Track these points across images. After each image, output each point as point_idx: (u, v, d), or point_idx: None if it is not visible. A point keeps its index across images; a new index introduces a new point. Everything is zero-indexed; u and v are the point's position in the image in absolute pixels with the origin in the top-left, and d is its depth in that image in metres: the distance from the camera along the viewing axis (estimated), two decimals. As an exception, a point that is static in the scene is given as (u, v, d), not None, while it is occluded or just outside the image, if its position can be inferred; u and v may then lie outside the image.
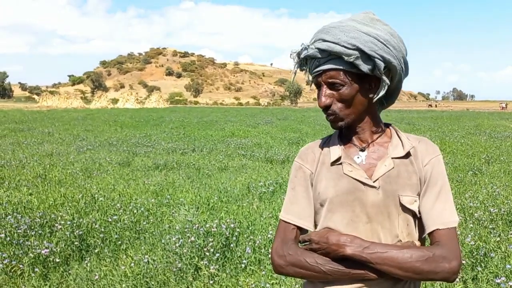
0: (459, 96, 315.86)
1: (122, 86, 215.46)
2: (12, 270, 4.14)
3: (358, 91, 1.34)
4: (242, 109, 61.36)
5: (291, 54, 1.45)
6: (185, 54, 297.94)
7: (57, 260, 4.37)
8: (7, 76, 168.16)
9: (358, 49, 1.29)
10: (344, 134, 1.45)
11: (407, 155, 1.36)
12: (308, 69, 1.42)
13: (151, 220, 5.67)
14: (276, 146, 14.20)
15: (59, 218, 5.33)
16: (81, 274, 4.18)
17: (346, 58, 1.29)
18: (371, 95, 1.38)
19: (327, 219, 1.37)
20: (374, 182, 1.33)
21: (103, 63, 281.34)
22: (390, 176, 1.34)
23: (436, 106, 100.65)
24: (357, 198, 1.34)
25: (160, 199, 6.81)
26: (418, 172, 1.35)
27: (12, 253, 4.38)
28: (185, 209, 6.09)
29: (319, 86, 1.37)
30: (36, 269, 4.15)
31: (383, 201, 1.32)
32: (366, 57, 1.31)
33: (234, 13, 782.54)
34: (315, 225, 1.43)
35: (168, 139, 16.97)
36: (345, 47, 1.29)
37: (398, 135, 1.42)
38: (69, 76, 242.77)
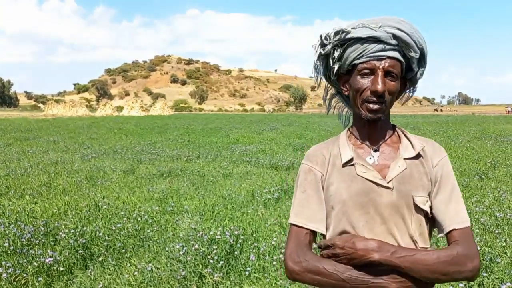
0: (465, 100, 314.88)
1: (127, 94, 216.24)
2: (16, 279, 4.14)
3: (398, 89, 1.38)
4: (247, 116, 61.41)
5: (334, 31, 1.35)
6: (189, 61, 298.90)
7: (61, 268, 4.37)
8: (12, 85, 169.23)
9: (422, 49, 1.35)
10: (358, 133, 1.43)
11: (418, 155, 1.37)
12: (345, 55, 1.35)
13: (155, 228, 5.66)
14: (281, 152, 14.18)
15: (63, 226, 5.34)
16: (85, 282, 4.18)
17: (413, 54, 1.33)
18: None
19: (342, 222, 1.35)
20: (388, 183, 1.33)
21: (108, 71, 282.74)
22: (404, 177, 1.33)
23: (441, 110, 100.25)
24: (371, 199, 1.32)
25: (164, 206, 6.80)
26: (429, 172, 1.36)
27: (16, 262, 4.38)
28: (189, 217, 6.08)
29: (370, 70, 1.32)
30: (40, 278, 4.16)
31: (397, 201, 1.32)
32: (420, 58, 1.38)
33: (239, 20, 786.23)
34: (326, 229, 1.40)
35: (172, 146, 16.99)
36: (415, 43, 1.33)
37: (406, 136, 1.43)
38: (74, 84, 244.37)
